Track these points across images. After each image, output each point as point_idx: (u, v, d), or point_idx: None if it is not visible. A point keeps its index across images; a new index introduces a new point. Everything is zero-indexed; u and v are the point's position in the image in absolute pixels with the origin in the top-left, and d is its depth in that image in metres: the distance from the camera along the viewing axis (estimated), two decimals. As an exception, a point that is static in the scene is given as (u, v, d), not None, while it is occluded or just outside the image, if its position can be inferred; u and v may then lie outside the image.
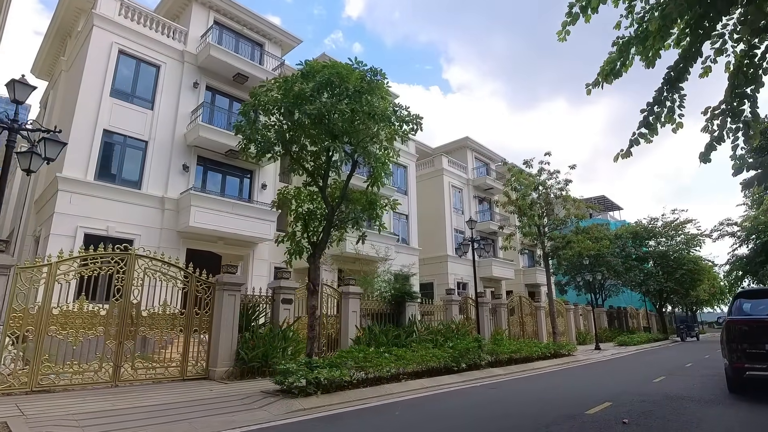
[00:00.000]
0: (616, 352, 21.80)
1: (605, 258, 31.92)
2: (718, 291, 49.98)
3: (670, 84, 7.38)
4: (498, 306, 20.87)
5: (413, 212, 29.07)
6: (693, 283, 35.47)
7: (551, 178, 20.09)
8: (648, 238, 36.21)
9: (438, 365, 11.89)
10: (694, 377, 11.74)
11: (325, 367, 9.05)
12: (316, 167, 10.17)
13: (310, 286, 9.66)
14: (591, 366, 15.94)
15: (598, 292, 34.57)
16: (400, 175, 29.15)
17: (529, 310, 23.84)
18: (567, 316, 27.17)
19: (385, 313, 15.85)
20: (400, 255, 27.10)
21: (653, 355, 20.33)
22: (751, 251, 32.30)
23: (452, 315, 17.79)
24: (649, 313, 44.20)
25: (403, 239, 28.07)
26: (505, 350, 14.56)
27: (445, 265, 31.00)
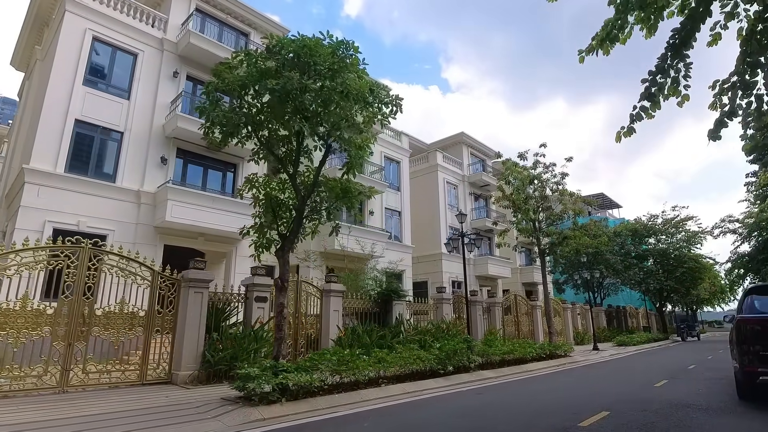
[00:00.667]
0: (615, 352, 20.90)
1: (604, 256, 31.06)
2: (718, 290, 49.07)
3: (674, 50, 6.47)
4: (492, 305, 19.97)
5: (406, 209, 28.18)
6: (694, 282, 34.54)
7: (547, 172, 19.20)
8: (648, 236, 35.29)
9: (423, 368, 10.99)
10: (699, 381, 10.84)
11: (293, 371, 8.16)
12: (287, 153, 9.27)
13: (278, 282, 8.75)
14: (588, 368, 15.03)
15: (597, 290, 33.69)
16: (393, 170, 28.26)
17: (524, 309, 22.94)
18: (564, 316, 26.26)
19: (371, 313, 14.95)
20: (392, 252, 26.21)
21: (654, 356, 19.42)
22: (753, 249, 31.42)
23: (443, 314, 16.88)
24: (648, 313, 43.26)
25: (395, 236, 27.19)
26: (497, 351, 13.67)
27: (439, 264, 30.10)
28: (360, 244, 20.41)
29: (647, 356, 19.57)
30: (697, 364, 15.03)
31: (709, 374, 12.08)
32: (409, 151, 29.91)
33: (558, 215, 19.05)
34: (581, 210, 18.76)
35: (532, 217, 18.69)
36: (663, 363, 15.92)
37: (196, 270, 10.30)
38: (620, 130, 6.60)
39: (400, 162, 28.69)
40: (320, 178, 9.42)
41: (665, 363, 15.86)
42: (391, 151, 28.07)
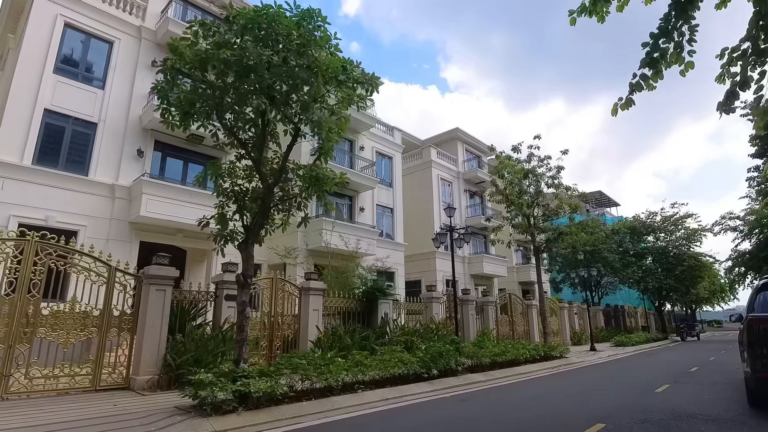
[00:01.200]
0: (613, 353, 20.05)
1: (601, 254, 30.25)
2: (717, 289, 48.25)
3: (679, 10, 5.64)
4: (485, 304, 19.13)
5: (398, 206, 27.33)
6: (693, 280, 33.71)
7: (542, 166, 18.34)
8: (646, 234, 34.45)
9: (405, 372, 10.16)
10: (704, 385, 9.99)
11: (254, 377, 7.31)
12: (255, 136, 8.40)
13: (239, 278, 7.91)
14: (584, 370, 14.19)
15: (594, 289, 32.90)
16: (386, 166, 27.42)
17: (520, 308, 22.09)
18: (561, 315, 25.41)
19: (356, 312, 14.10)
20: (384, 250, 25.34)
21: (653, 357, 18.58)
22: (754, 246, 30.57)
23: (432, 314, 16.04)
24: (647, 312, 42.42)
25: (387, 234, 26.34)
26: (488, 353, 12.84)
27: (432, 262, 29.25)
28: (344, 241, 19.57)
29: (646, 357, 18.74)
30: (699, 366, 14.19)
31: (715, 377, 11.24)
32: (402, 147, 29.07)
33: (554, 211, 18.20)
34: (577, 205, 17.91)
35: (526, 212, 17.84)
36: (663, 365, 15.08)
37: (158, 266, 9.45)
38: (617, 102, 5.78)
39: (393, 158, 27.85)
40: (290, 164, 8.58)
41: (666, 365, 15.02)
42: (383, 146, 27.23)
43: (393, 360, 10.08)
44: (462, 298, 17.99)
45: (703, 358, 16.80)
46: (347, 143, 25.00)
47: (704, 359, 16.41)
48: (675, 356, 18.91)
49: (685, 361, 16.22)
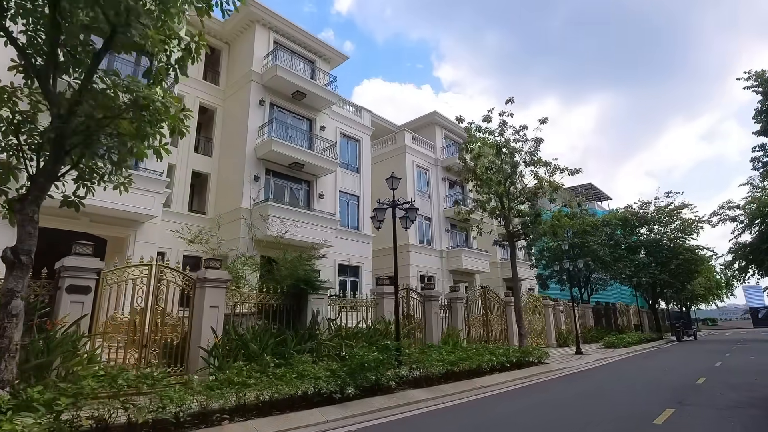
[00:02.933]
0: (602, 356, 17.25)
1: (590, 246, 27.51)
2: (713, 285, 45.63)
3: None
4: (454, 301, 16.28)
5: (366, 193, 24.45)
6: (689, 275, 30.99)
7: (519, 140, 15.47)
8: (639, 226, 31.71)
9: (312, 391, 7.30)
10: (721, 409, 7.16)
11: (10, 410, 4.42)
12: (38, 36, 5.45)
13: (6, 255, 5.01)
14: (564, 382, 11.35)
15: (584, 286, 30.14)
16: (351, 150, 24.54)
17: (497, 306, 19.28)
18: (545, 314, 22.62)
19: (283, 311, 11.22)
20: (347, 242, 22.51)
21: (648, 363, 15.78)
22: (755, 237, 27.89)
23: (384, 312, 13.18)
24: (640, 310, 39.70)
25: (353, 225, 23.47)
26: (438, 361, 9.98)
27: (406, 256, 26.36)
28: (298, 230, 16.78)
29: (640, 362, 15.95)
30: (706, 375, 11.38)
31: (732, 395, 8.41)
32: (371, 129, 26.20)
33: (531, 191, 15.38)
34: (558, 185, 15.09)
35: (498, 190, 15.02)
36: (661, 373, 12.27)
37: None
38: None
39: (360, 140, 24.97)
40: (106, 86, 5.65)
41: (663, 374, 12.19)
42: (349, 128, 24.36)
43: (288, 377, 7.20)
44: (425, 294, 15.16)
45: (708, 364, 14.01)
46: (306, 122, 22.15)
47: (709, 365, 13.63)
48: (673, 361, 16.12)
49: (686, 368, 13.42)
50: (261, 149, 19.11)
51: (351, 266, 22.56)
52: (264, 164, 19.63)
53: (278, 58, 20.47)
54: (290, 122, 21.43)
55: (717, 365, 13.23)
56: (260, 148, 19.14)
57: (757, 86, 19.26)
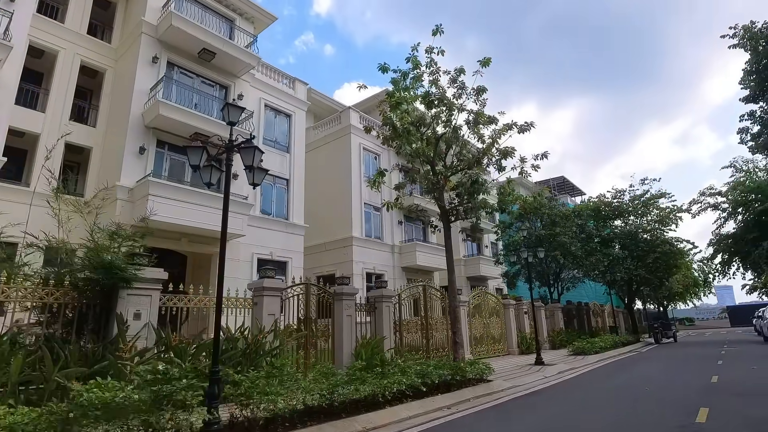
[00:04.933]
0: (567, 368, 13.78)
1: (560, 239, 24.22)
2: (692, 283, 43.02)
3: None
4: (379, 300, 12.62)
5: (297, 177, 20.72)
6: (668, 271, 27.98)
7: (451, 86, 11.73)
8: (613, 218, 28.60)
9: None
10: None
11: None
12: None
13: None
14: (501, 414, 7.77)
15: (553, 284, 26.83)
16: (279, 125, 20.80)
17: (442, 307, 15.74)
18: (505, 315, 19.16)
19: (87, 313, 7.39)
20: (270, 233, 18.75)
21: (623, 376, 12.35)
22: (739, 227, 25.01)
23: (265, 313, 9.42)
24: (616, 311, 36.70)
25: (279, 213, 19.71)
26: (288, 392, 6.25)
27: (349, 251, 22.70)
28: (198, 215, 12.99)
29: (613, 375, 12.52)
30: (705, 399, 7.89)
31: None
32: (307, 104, 22.51)
33: (475, 157, 11.78)
34: (508, 151, 11.50)
35: (424, 150, 11.41)
36: (641, 396, 8.78)
37: None
38: None
39: (292, 116, 21.24)
40: None
41: (646, 398, 8.69)
42: (277, 99, 20.61)
43: None
44: (335, 291, 11.47)
45: (702, 379, 10.60)
46: (218, 88, 18.34)
47: (704, 381, 10.20)
48: (655, 372, 12.71)
49: (673, 386, 9.97)
50: (149, 114, 15.28)
51: (275, 261, 18.74)
52: (155, 134, 15.76)
53: (180, 8, 16.67)
54: (197, 87, 17.61)
55: (713, 381, 9.80)
56: (148, 113, 15.31)
57: (745, 42, 16.19)
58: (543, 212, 25.82)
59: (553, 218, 25.46)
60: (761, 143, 17.10)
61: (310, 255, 24.51)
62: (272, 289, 9.77)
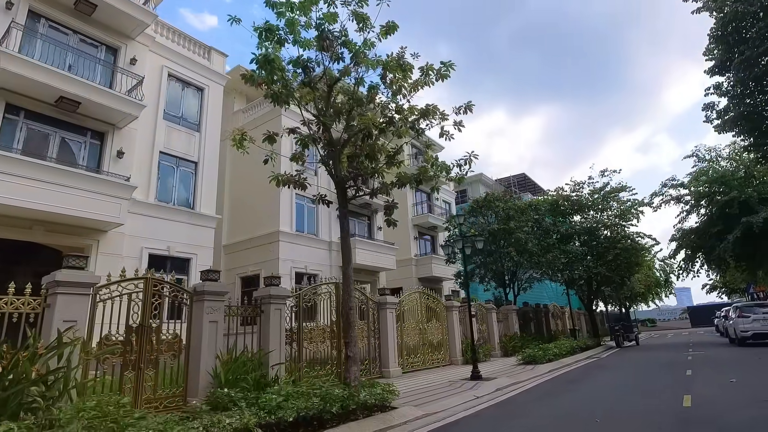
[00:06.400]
0: (508, 384, 11.17)
1: (514, 234, 21.87)
2: (653, 283, 41.71)
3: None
4: (265, 302, 9.68)
5: (209, 161, 17.62)
6: (629, 268, 26.06)
7: (359, 22, 8.89)
8: (572, 213, 26.54)
9: None
10: None
11: None
12: None
13: None
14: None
15: (510, 284, 24.46)
16: (188, 99, 17.69)
17: (367, 311, 12.95)
18: (448, 320, 16.53)
19: None
20: (169, 224, 15.62)
21: (572, 396, 9.77)
22: (702, 221, 23.27)
23: (58, 321, 6.37)
24: (577, 313, 34.82)
25: (182, 201, 16.57)
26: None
27: (275, 248, 19.67)
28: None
29: (561, 393, 9.95)
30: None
31: None
32: (226, 78, 19.43)
33: (364, 96, 8.89)
34: (429, 112, 8.75)
35: (310, 98, 8.58)
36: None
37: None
38: None
39: (205, 90, 18.16)
40: None
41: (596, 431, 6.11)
42: (186, 70, 17.50)
43: None
44: (196, 289, 8.49)
45: (670, 397, 8.13)
46: (105, 50, 15.12)
47: (672, 401, 7.71)
48: (612, 389, 10.18)
49: (634, 410, 7.44)
50: (-9, 70, 11.94)
51: (174, 258, 15.59)
52: (3, 96, 12.46)
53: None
54: (74, 46, 14.37)
55: (686, 405, 7.28)
56: (-10, 68, 11.96)
57: (709, 3, 14.14)
58: (497, 206, 23.53)
59: (508, 212, 23.19)
60: (729, 119, 15.11)
61: (232, 254, 21.45)
62: (74, 284, 6.72)
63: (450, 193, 36.34)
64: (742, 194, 19.94)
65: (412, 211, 29.89)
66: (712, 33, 14.36)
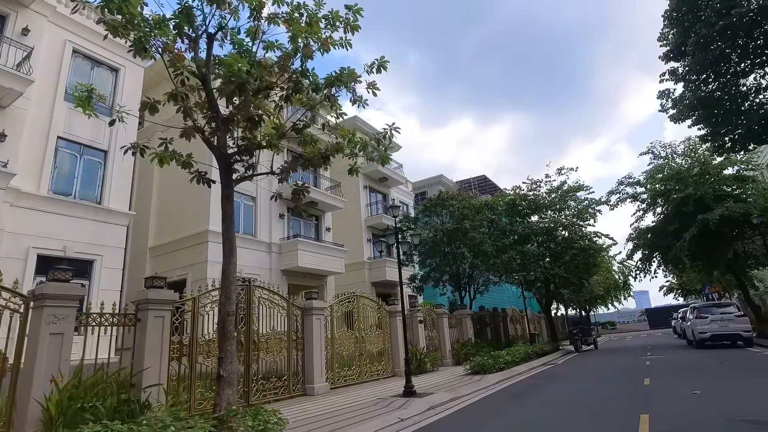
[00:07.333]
0: (446, 399, 9.60)
1: (468, 234, 20.57)
2: (612, 285, 41.49)
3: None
4: (142, 307, 7.78)
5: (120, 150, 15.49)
6: (587, 270, 25.21)
7: None
8: (530, 213, 25.52)
9: None
10: None
11: None
12: None
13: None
14: None
15: (466, 288, 23.14)
16: (99, 80, 15.54)
17: (284, 317, 11.16)
18: (391, 327, 14.91)
19: None
20: (67, 221, 13.46)
21: (516, 412, 8.31)
22: (659, 220, 22.64)
23: None
24: (537, 316, 33.97)
25: (85, 194, 14.39)
26: None
27: (204, 249, 17.63)
28: None
29: (503, 413, 8.42)
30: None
31: None
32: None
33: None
34: (327, 41, 7.03)
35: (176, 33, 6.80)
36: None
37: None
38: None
39: (120, 71, 16.06)
40: None
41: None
42: (96, 47, 15.35)
43: None
44: (35, 293, 6.55)
45: (625, 418, 6.80)
46: (-14, 17, 12.89)
47: (630, 421, 6.37)
48: (560, 407, 8.74)
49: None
50: None
51: (73, 260, 13.35)
52: None
53: None
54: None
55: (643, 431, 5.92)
56: None
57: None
58: (451, 204, 22.23)
59: (462, 211, 21.92)
60: (685, 107, 14.22)
61: (159, 257, 19.25)
62: None
63: (408, 194, 34.98)
64: (697, 191, 19.31)
65: (366, 212, 28.25)
66: (667, 15, 13.49)
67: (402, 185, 33.22)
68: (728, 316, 17.67)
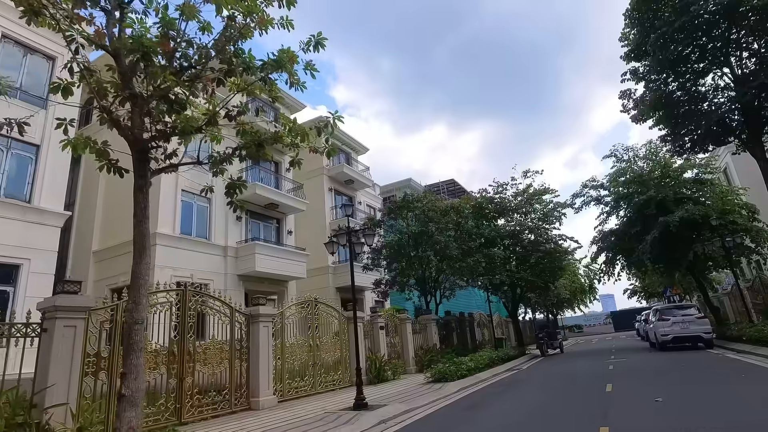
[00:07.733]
0: (399, 411, 8.91)
1: (433, 237, 20.06)
2: (578, 289, 41.86)
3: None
4: (50, 315, 6.84)
5: (54, 145, 14.24)
6: (553, 272, 25.11)
7: None
8: (497, 216, 25.28)
9: None
10: None
11: None
12: None
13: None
14: None
15: (431, 292, 22.60)
16: (32, 68, 14.33)
17: (229, 326, 10.29)
18: (348, 334, 14.16)
19: None
20: (-18, 220, 12.16)
21: (468, 426, 7.70)
22: (622, 223, 22.72)
23: None
24: (504, 321, 33.83)
25: (13, 193, 13.15)
26: None
27: (152, 251, 16.44)
28: None
29: (458, 427, 7.82)
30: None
31: None
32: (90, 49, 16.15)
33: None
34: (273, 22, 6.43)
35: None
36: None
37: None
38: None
39: (57, 59, 14.85)
40: None
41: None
42: (29, 32, 14.12)
43: None
44: None
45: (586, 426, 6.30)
46: None
47: None
48: (518, 418, 8.23)
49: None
50: None
51: (-6, 265, 12.11)
52: None
53: None
54: None
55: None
56: None
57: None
58: (416, 207, 21.70)
59: (428, 214, 21.42)
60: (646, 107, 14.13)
61: (104, 261, 17.96)
62: None
63: (376, 198, 34.39)
64: (659, 194, 19.40)
65: (331, 215, 27.44)
66: (628, 14, 13.41)
67: (369, 188, 32.59)
68: (689, 318, 17.71)
